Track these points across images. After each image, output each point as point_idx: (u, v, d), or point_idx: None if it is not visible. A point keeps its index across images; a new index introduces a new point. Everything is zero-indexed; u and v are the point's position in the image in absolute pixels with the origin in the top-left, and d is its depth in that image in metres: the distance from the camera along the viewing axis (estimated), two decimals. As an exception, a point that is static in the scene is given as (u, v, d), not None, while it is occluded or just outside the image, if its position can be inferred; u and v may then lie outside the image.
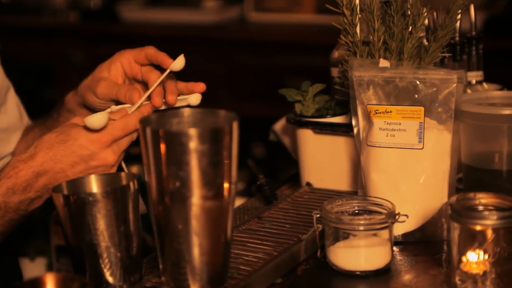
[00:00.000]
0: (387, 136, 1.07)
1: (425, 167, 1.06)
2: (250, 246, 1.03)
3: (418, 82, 1.05)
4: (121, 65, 1.11)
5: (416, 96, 1.05)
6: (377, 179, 1.08)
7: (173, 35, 2.75)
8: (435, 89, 1.05)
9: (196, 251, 0.87)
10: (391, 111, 1.06)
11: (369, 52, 1.13)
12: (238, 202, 1.24)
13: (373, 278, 0.98)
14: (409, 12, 1.11)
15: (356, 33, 1.12)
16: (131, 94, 1.05)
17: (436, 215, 1.07)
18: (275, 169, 1.45)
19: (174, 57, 1.06)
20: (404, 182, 1.06)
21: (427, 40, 1.18)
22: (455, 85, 1.05)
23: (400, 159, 1.06)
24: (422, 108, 1.05)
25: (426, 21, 1.24)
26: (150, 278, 0.96)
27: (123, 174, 0.98)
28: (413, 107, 1.06)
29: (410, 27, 1.11)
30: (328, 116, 1.21)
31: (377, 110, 1.07)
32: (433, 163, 1.06)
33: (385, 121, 1.07)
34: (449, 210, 0.90)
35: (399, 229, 1.06)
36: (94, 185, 0.97)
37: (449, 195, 1.06)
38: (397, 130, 1.06)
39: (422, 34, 1.17)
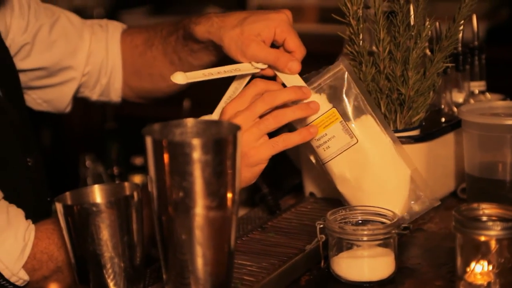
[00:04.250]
0: (324, 150, 1.07)
1: (371, 154, 1.06)
2: (254, 256, 1.03)
3: (317, 91, 1.06)
4: (274, 34, 1.09)
5: (321, 102, 1.06)
6: (344, 190, 1.08)
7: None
8: (334, 87, 1.06)
9: (199, 262, 0.87)
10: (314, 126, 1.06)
11: (373, 62, 1.13)
12: (241, 212, 1.24)
13: (377, 289, 0.98)
14: (412, 23, 1.11)
15: (362, 43, 1.12)
16: (292, 65, 1.05)
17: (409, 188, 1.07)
18: (278, 178, 1.45)
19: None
20: (363, 179, 1.06)
21: (430, 50, 1.18)
22: (347, 74, 1.06)
23: (349, 162, 1.06)
24: (334, 109, 1.06)
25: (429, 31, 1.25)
26: (153, 288, 0.96)
27: (126, 184, 0.98)
28: (326, 113, 1.06)
29: (415, 37, 1.11)
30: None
31: None
32: (374, 146, 1.06)
33: (314, 139, 1.07)
34: (452, 221, 0.90)
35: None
36: (97, 196, 0.97)
37: (408, 165, 1.07)
38: (328, 140, 1.06)
39: (425, 44, 1.17)
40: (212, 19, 1.13)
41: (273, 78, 1.10)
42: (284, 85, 1.08)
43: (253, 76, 1.10)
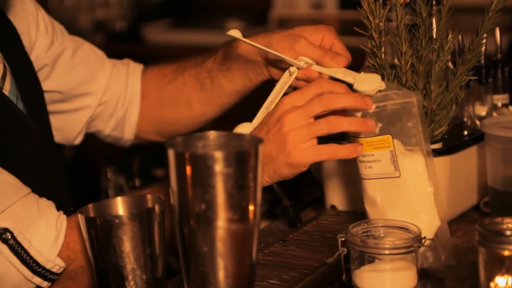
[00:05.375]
0: (365, 168, 1.05)
1: (408, 194, 1.03)
2: (275, 269, 1.03)
3: (379, 110, 1.03)
4: (322, 38, 1.12)
5: (380, 125, 1.03)
6: (369, 210, 1.07)
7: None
8: (397, 115, 1.03)
9: (221, 274, 0.87)
10: (362, 144, 1.03)
11: (395, 75, 1.13)
12: (262, 224, 1.24)
13: (399, 303, 0.97)
14: (435, 36, 1.10)
15: (384, 56, 1.12)
16: (340, 58, 1.07)
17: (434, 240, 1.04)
18: (299, 191, 1.45)
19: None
20: (390, 212, 1.04)
21: (453, 63, 1.18)
22: (416, 108, 1.03)
23: (383, 189, 1.04)
24: (389, 137, 1.03)
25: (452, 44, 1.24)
26: (174, 300, 0.96)
27: (148, 196, 0.99)
28: (380, 136, 1.03)
29: (438, 50, 1.10)
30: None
31: None
32: (414, 188, 1.03)
33: (360, 154, 1.04)
34: (476, 235, 0.89)
35: None
36: (120, 208, 0.98)
37: (442, 220, 1.04)
38: (372, 161, 1.04)
39: (448, 57, 1.17)
40: (259, 34, 1.16)
41: None
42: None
43: (293, 88, 1.10)
